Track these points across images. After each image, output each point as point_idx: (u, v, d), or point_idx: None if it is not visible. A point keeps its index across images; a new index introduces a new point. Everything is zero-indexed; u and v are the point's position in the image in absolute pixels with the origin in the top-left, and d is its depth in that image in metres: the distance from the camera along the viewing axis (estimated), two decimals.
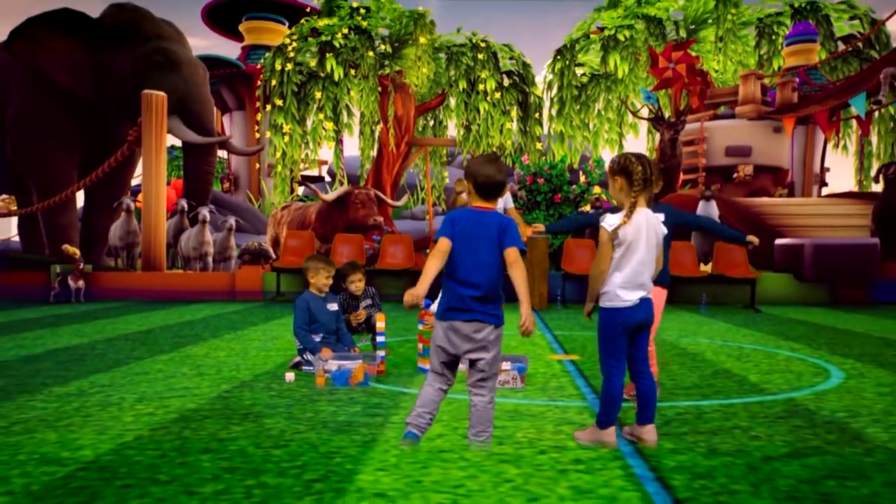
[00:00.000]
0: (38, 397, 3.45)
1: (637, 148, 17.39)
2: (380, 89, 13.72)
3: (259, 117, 16.27)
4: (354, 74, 13.64)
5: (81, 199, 14.16)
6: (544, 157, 15.04)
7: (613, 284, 2.60)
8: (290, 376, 3.93)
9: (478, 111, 14.13)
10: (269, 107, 13.86)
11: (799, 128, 14.97)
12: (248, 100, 21.62)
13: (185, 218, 12.35)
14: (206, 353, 4.95)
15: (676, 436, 2.78)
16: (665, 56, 13.72)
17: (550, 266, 10.08)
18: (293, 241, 10.41)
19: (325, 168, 25.51)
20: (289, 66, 13.63)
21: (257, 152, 16.29)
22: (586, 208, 13.50)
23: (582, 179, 14.54)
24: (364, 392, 3.63)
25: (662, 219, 2.74)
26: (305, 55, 14.27)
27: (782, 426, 2.94)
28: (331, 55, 13.44)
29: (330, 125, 13.84)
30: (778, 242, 10.49)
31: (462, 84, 14.01)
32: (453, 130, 15.12)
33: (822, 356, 5.04)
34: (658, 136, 13.53)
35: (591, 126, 16.05)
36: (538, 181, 13.95)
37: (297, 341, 4.25)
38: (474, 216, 2.52)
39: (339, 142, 14.74)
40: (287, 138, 13.79)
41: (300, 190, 19.29)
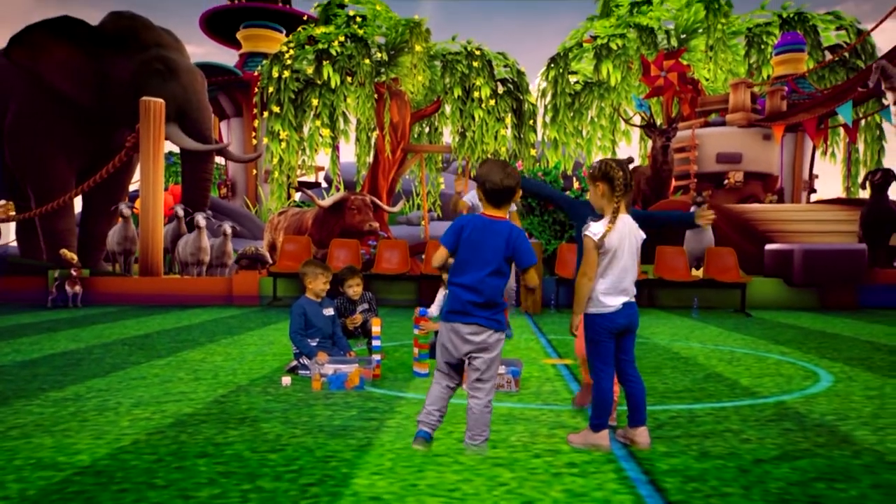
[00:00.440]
0: (35, 402, 3.42)
1: (629, 155, 17.43)
2: (376, 96, 13.74)
3: (256, 124, 16.28)
4: (351, 82, 13.66)
5: (80, 205, 14.11)
6: (538, 164, 15.08)
7: (597, 291, 2.61)
8: (287, 380, 3.91)
9: (473, 118, 14.16)
10: (267, 114, 13.86)
11: (788, 135, 15.07)
12: (246, 107, 21.61)
13: (183, 223, 12.31)
14: (203, 358, 4.93)
15: (669, 439, 2.77)
16: (657, 64, 13.80)
17: (544, 271, 10.09)
18: (290, 246, 10.38)
19: (322, 174, 25.51)
20: (286, 74, 13.64)
21: (255, 159, 16.28)
22: None
23: (576, 185, 14.58)
24: (360, 396, 3.61)
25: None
26: (302, 63, 14.29)
27: (773, 429, 2.94)
28: (327, 63, 13.46)
29: (326, 132, 13.85)
30: (768, 248, 10.53)
31: (457, 91, 14.04)
32: (448, 137, 15.15)
33: (812, 360, 5.05)
34: (650, 144, 13.59)
35: (585, 133, 16.12)
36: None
37: (294, 346, 4.24)
38: (483, 224, 2.51)
39: (336, 148, 14.75)
40: (284, 145, 13.79)
41: (297, 196, 19.27)
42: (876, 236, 10.72)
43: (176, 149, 14.42)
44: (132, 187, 14.88)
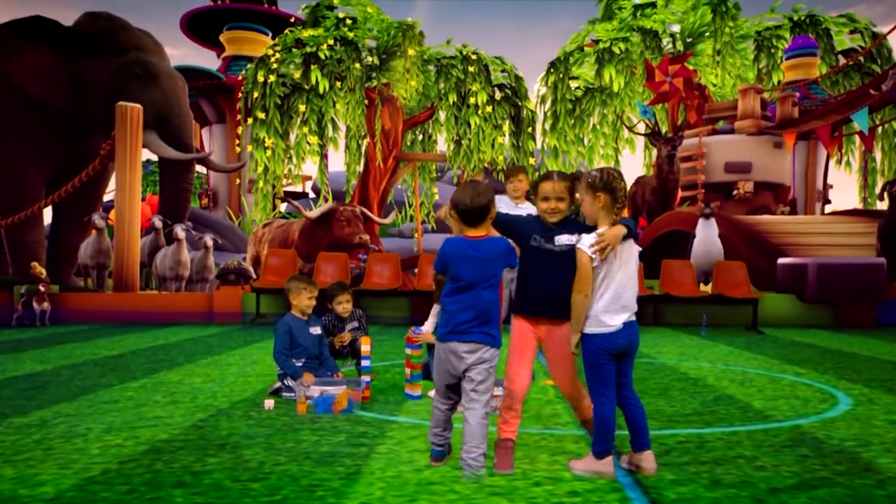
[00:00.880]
0: None
1: (634, 164, 17.60)
2: (366, 102, 13.79)
3: (240, 131, 16.29)
4: (340, 87, 13.71)
5: (50, 216, 14.04)
6: (538, 174, 15.12)
7: (596, 309, 2.62)
8: (270, 403, 3.88)
9: (468, 125, 14.22)
10: (251, 120, 13.88)
11: (800, 143, 15.20)
12: (229, 113, 21.65)
13: (161, 236, 12.27)
14: (181, 380, 4.89)
15: (677, 466, 2.75)
16: (661, 69, 13.91)
17: None
18: (274, 260, 10.35)
19: (309, 184, 25.53)
20: (272, 78, 13.68)
21: (238, 169, 16.28)
22: None
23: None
24: (348, 420, 3.58)
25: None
26: (289, 67, 14.33)
27: (788, 455, 2.92)
28: (316, 67, 13.52)
29: (314, 139, 13.87)
30: (780, 262, 10.56)
31: (452, 97, 14.11)
32: (443, 145, 15.20)
33: (829, 381, 5.04)
34: (655, 152, 13.66)
35: (586, 141, 16.19)
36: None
37: (278, 366, 4.21)
38: (468, 245, 2.71)
39: (324, 157, 14.76)
40: (269, 153, 13.80)
41: (282, 207, 19.26)
42: (895, 249, 10.77)
43: (154, 157, 14.39)
44: (107, 197, 14.83)
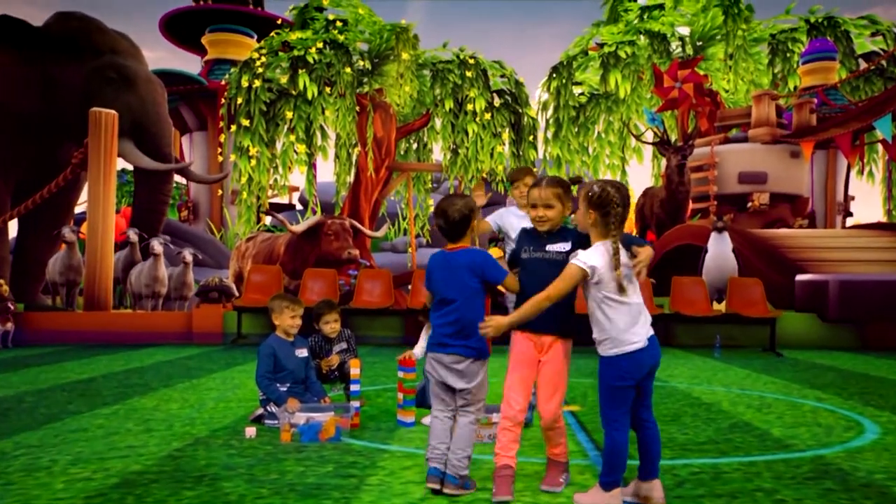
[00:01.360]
0: None
1: (642, 174, 17.68)
2: (358, 109, 13.83)
3: (223, 139, 16.31)
4: (330, 92, 13.76)
5: (15, 229, 14.00)
6: None
7: (616, 328, 2.62)
8: (252, 431, 3.85)
9: (466, 133, 14.26)
10: (235, 127, 13.90)
11: (819, 152, 15.28)
12: (211, 119, 21.71)
13: (137, 250, 12.24)
14: (156, 406, 4.86)
15: (691, 499, 2.73)
16: (670, 74, 14.00)
17: None
18: (257, 277, 10.32)
19: (297, 195, 25.54)
20: (257, 83, 13.72)
21: (220, 180, 16.29)
22: None
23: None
24: (336, 449, 3.56)
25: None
26: (275, 71, 14.38)
27: (811, 489, 2.90)
28: (304, 71, 13.57)
29: (302, 148, 13.88)
30: (799, 278, 10.57)
31: (448, 104, 14.17)
32: (439, 154, 15.24)
33: (854, 407, 5.02)
34: (664, 162, 13.71)
35: (591, 150, 16.25)
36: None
37: (260, 391, 4.19)
38: (445, 258, 2.96)
39: (313, 166, 14.77)
40: (254, 162, 13.81)
41: (268, 220, 19.25)
42: None
43: (129, 166, 14.39)
44: (78, 209, 14.80)
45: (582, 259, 2.63)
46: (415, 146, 16.13)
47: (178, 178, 19.17)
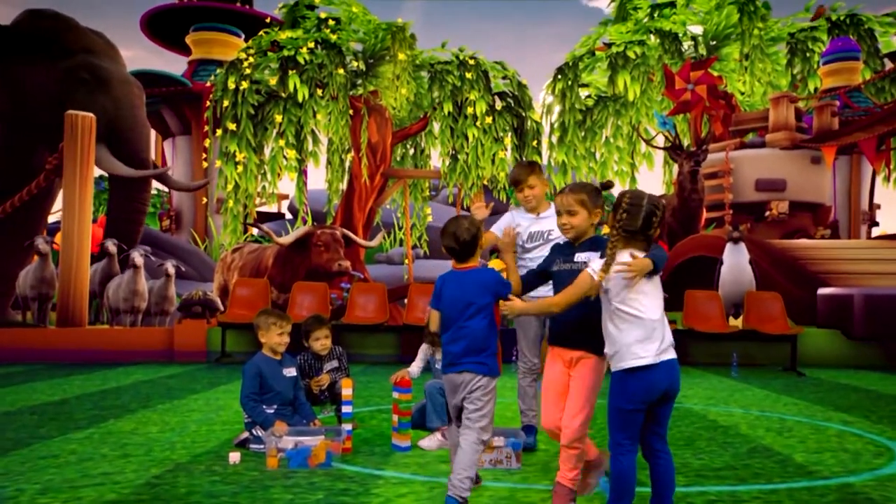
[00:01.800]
0: None
1: (652, 181, 17.70)
2: (351, 112, 13.86)
3: (208, 143, 16.31)
4: (322, 95, 13.80)
5: None
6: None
7: (625, 341, 2.61)
8: (236, 457, 3.84)
9: (466, 138, 14.29)
10: (220, 131, 13.93)
11: (841, 158, 15.31)
12: (195, 123, 21.74)
13: (115, 262, 12.22)
14: (134, 429, 4.84)
15: None
16: (682, 76, 14.06)
17: None
18: (243, 291, 10.30)
19: (286, 203, 25.56)
20: (244, 85, 13.76)
21: (201, 187, 16.28)
22: None
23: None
24: (327, 475, 3.55)
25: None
26: (264, 72, 14.41)
27: None
28: (294, 72, 13.61)
29: (292, 153, 13.90)
30: (821, 292, 10.56)
31: (447, 107, 14.20)
32: (437, 160, 15.27)
33: (883, 431, 5.00)
34: (676, 168, 13.74)
35: (598, 156, 16.29)
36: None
37: (245, 413, 4.17)
38: (455, 277, 3.16)
39: (303, 173, 14.79)
40: (241, 168, 13.82)
41: (255, 230, 19.25)
42: None
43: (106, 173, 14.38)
44: (52, 218, 14.77)
45: (593, 267, 2.65)
46: (412, 152, 16.14)
47: (159, 186, 19.19)
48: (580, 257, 2.95)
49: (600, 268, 2.65)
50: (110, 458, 3.92)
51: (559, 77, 16.11)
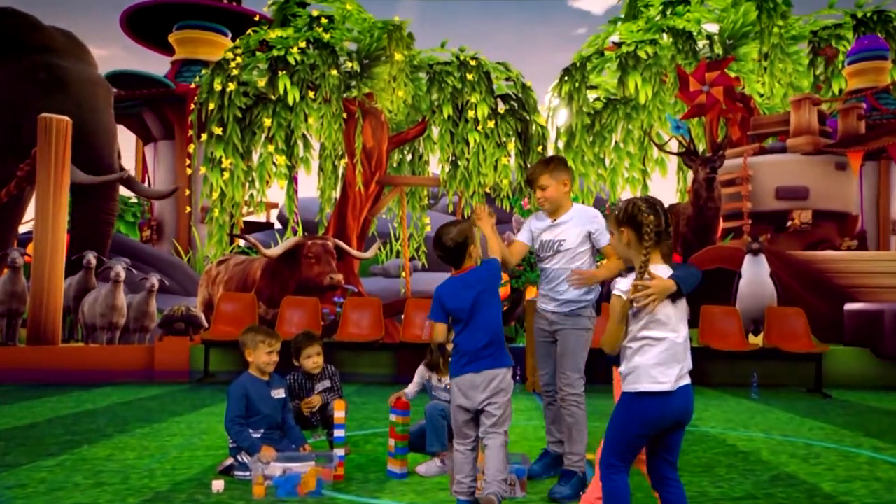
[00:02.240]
0: None
1: (666, 189, 17.70)
2: (345, 116, 13.89)
3: (192, 149, 16.35)
4: (313, 97, 13.83)
5: None
6: None
7: (644, 362, 2.58)
8: (219, 485, 3.82)
9: (466, 143, 14.31)
10: (205, 136, 13.95)
11: (868, 164, 15.30)
12: (179, 127, 21.76)
13: (92, 275, 12.20)
14: (110, 455, 4.81)
15: None
16: (697, 77, 14.09)
17: None
18: (228, 306, 10.28)
19: (275, 213, 25.57)
20: (231, 87, 13.80)
21: (170, 194, 16.30)
22: None
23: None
24: None
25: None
26: (252, 73, 14.45)
27: None
28: (284, 73, 13.65)
29: (282, 159, 13.92)
30: (849, 308, 10.54)
31: (447, 110, 14.23)
32: (436, 167, 15.28)
33: None
34: (691, 175, 13.74)
35: (608, 162, 16.31)
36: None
37: (230, 438, 4.16)
38: (456, 281, 3.49)
39: (293, 180, 14.80)
40: (227, 175, 13.83)
41: (242, 241, 19.24)
42: None
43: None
44: (23, 228, 14.76)
45: (620, 287, 2.62)
46: (409, 157, 16.15)
47: (126, 193, 19.18)
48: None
49: (632, 281, 2.61)
50: (83, 488, 3.89)
51: (566, 78, 16.16)
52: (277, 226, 23.89)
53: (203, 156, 14.23)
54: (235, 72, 13.95)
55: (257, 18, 18.12)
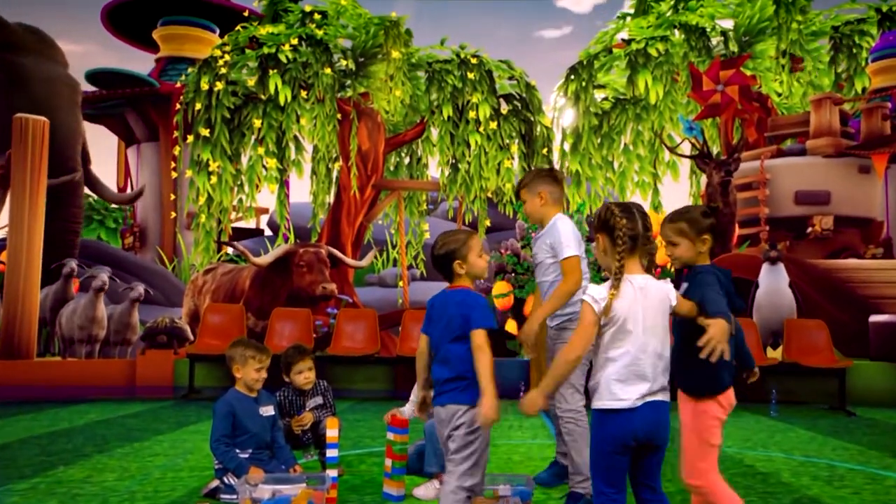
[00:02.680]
0: None
1: (678, 194, 17.70)
2: (339, 116, 13.91)
3: (177, 151, 16.35)
4: (306, 97, 13.85)
5: None
6: None
7: (606, 376, 2.63)
8: None
9: (467, 145, 14.32)
10: (192, 138, 13.96)
11: (893, 167, 15.29)
12: (163, 128, 21.79)
13: (70, 284, 12.19)
14: (88, 477, 4.79)
15: None
16: (711, 76, 14.10)
17: None
18: (215, 318, 10.28)
19: (266, 219, 25.56)
20: (219, 86, 13.81)
21: (134, 199, 16.32)
22: None
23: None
24: None
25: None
26: (241, 71, 14.47)
27: None
28: (275, 72, 13.67)
29: (272, 162, 13.93)
30: (874, 320, 10.51)
31: (447, 110, 14.25)
32: (435, 170, 15.28)
33: None
34: (704, 180, 13.74)
35: (617, 165, 16.31)
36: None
37: (216, 458, 4.14)
38: (441, 298, 3.26)
39: (285, 184, 14.80)
40: (214, 179, 13.84)
41: (230, 249, 19.22)
42: None
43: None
44: None
45: (593, 295, 2.66)
46: (407, 160, 16.17)
47: (89, 197, 19.16)
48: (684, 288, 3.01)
49: (609, 288, 2.62)
50: None
51: (572, 77, 16.17)
52: (268, 232, 23.87)
53: (189, 159, 14.24)
54: (223, 70, 13.96)
55: (246, 14, 18.17)
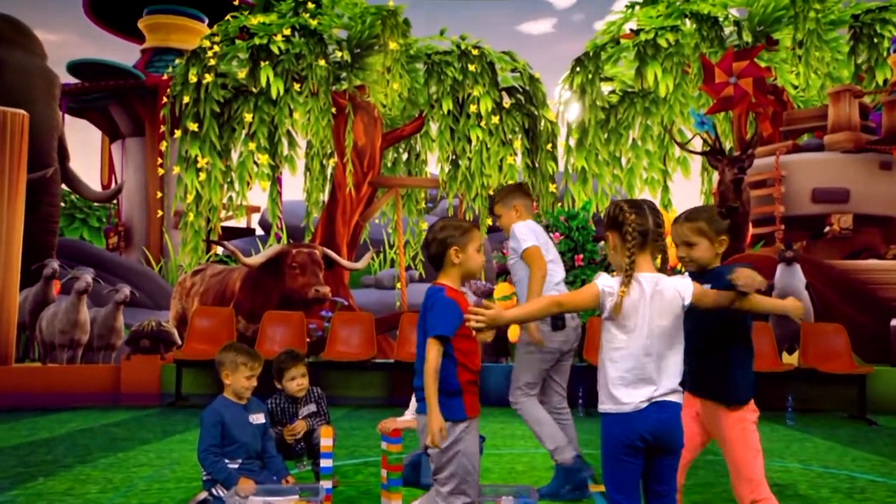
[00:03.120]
0: None
1: (689, 191, 17.62)
2: (334, 110, 13.91)
3: (164, 147, 16.34)
4: (299, 90, 13.85)
5: None
6: (560, 204, 15.15)
7: (608, 378, 2.64)
8: None
9: (468, 140, 14.32)
10: (179, 132, 13.96)
11: None
12: (149, 123, 21.78)
13: (51, 287, 12.17)
14: (69, 489, 4.78)
15: None
16: (724, 67, 14.08)
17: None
18: (203, 322, 10.28)
19: (257, 217, 25.57)
20: (208, 78, 13.81)
21: (114, 196, 16.29)
22: None
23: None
24: None
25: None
26: (231, 63, 14.48)
27: None
28: (267, 64, 13.66)
29: (264, 158, 13.93)
30: (895, 323, 10.51)
31: (447, 104, 14.25)
32: (435, 166, 15.28)
33: None
34: (717, 176, 13.72)
35: (624, 161, 16.30)
36: (552, 236, 14.01)
37: (204, 469, 4.14)
38: (426, 296, 3.10)
39: (277, 181, 14.80)
40: (203, 175, 13.84)
41: (219, 249, 19.22)
42: None
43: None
44: None
45: (604, 283, 2.68)
46: (405, 156, 16.17)
47: (70, 196, 19.17)
48: None
49: (619, 285, 2.63)
50: None
51: (578, 69, 16.15)
52: (259, 232, 23.89)
53: (177, 154, 14.24)
54: (213, 62, 13.97)
55: (237, 3, 18.15)
